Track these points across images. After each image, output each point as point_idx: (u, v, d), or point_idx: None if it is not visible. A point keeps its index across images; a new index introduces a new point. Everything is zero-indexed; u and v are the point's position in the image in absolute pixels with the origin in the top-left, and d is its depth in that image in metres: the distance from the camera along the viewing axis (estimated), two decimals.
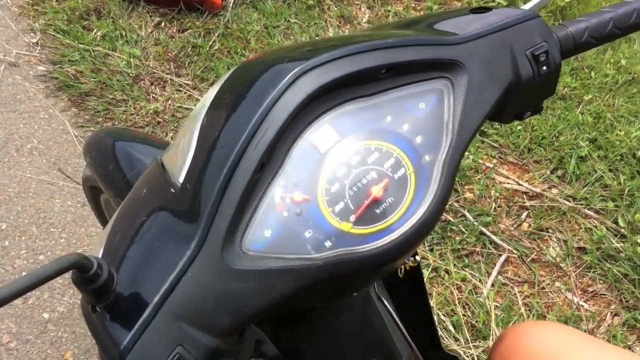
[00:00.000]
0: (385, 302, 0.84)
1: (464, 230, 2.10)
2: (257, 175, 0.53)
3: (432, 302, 1.88)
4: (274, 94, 0.53)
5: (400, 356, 0.83)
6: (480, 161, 2.34)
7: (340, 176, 0.55)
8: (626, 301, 1.93)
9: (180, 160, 0.58)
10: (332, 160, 0.55)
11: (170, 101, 2.58)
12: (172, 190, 0.56)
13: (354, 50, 0.56)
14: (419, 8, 3.19)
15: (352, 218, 0.54)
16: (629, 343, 1.83)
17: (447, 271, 1.98)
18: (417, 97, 0.59)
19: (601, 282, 1.99)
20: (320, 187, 0.54)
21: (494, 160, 2.37)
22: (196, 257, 0.51)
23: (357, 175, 0.55)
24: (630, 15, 0.71)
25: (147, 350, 0.49)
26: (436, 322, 1.80)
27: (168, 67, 2.75)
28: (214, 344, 0.51)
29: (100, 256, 0.58)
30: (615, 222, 2.13)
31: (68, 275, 0.51)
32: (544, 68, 0.65)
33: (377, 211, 0.54)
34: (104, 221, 1.64)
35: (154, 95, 2.61)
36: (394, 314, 0.85)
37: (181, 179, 0.56)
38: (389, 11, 3.12)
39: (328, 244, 0.53)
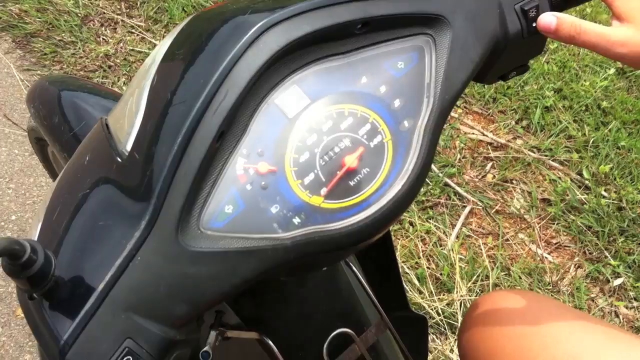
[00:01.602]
0: (353, 267, 0.79)
1: (428, 181, 2.06)
2: (216, 144, 0.47)
3: (396, 255, 1.84)
4: (235, 51, 0.47)
5: (369, 323, 0.79)
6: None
7: (310, 144, 0.49)
8: (589, 253, 1.93)
9: (127, 125, 0.51)
10: (301, 126, 0.49)
11: (121, 44, 2.44)
12: (119, 159, 0.50)
13: (326, 2, 0.50)
14: None
15: (324, 191, 0.48)
16: (592, 295, 1.84)
17: (411, 223, 1.95)
18: (395, 55, 0.53)
19: (565, 234, 1.98)
20: (287, 157, 0.48)
21: (459, 110, 2.32)
22: (146, 238, 0.45)
23: (328, 143, 0.49)
24: None
25: (91, 344, 0.43)
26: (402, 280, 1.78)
27: (119, 7, 2.59)
28: (168, 335, 0.45)
29: (37, 236, 0.51)
30: (580, 173, 2.12)
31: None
32: (534, 24, 0.60)
33: (351, 183, 0.49)
34: (53, 174, 1.55)
35: (104, 38, 2.46)
36: (362, 279, 0.81)
37: (128, 147, 0.49)
38: None
39: (297, 220, 0.48)
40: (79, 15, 2.51)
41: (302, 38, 0.48)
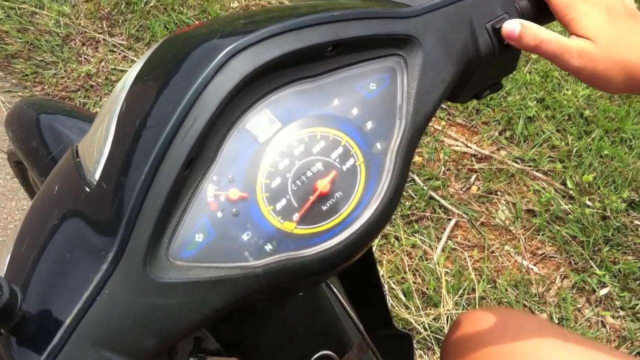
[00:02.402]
0: (333, 288, 0.79)
1: (413, 195, 2.06)
2: (185, 171, 0.46)
3: (382, 270, 1.84)
4: (204, 76, 0.46)
5: (351, 344, 0.79)
6: (429, 123, 2.29)
7: (281, 169, 0.48)
8: (575, 263, 1.93)
9: (96, 153, 0.50)
10: (273, 151, 0.48)
11: (103, 63, 2.43)
12: (87, 189, 0.49)
13: (297, 25, 0.49)
14: None
15: (296, 217, 0.47)
16: (578, 306, 1.84)
17: (397, 238, 1.94)
18: (367, 77, 0.53)
19: (550, 244, 1.98)
20: (259, 183, 0.47)
21: (443, 122, 2.33)
22: (114, 271, 0.44)
23: (301, 167, 0.48)
24: None
25: None
26: (387, 298, 1.78)
27: (100, 25, 2.58)
28: None
29: (4, 269, 0.50)
30: (564, 183, 2.13)
31: None
32: (505, 42, 0.59)
33: (324, 208, 0.48)
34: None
35: (85, 57, 2.45)
36: (342, 300, 0.80)
37: (97, 176, 0.48)
38: None
39: (269, 247, 0.46)
40: (60, 34, 2.50)
41: (271, 62, 0.48)
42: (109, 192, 0.46)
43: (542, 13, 0.64)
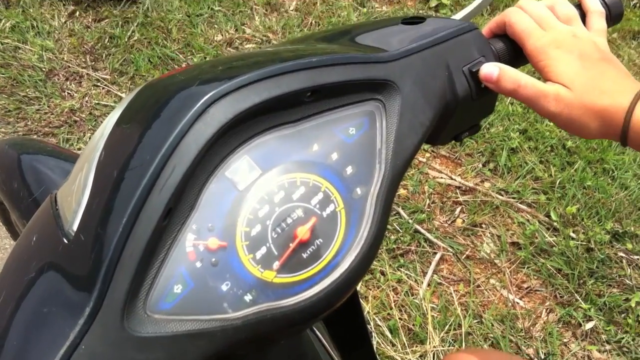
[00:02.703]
0: (317, 333, 0.78)
1: (398, 228, 2.06)
2: (163, 222, 0.45)
3: (368, 307, 1.83)
4: (182, 124, 0.45)
5: None
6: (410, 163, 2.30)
7: (261, 216, 0.47)
8: (560, 297, 1.93)
9: (75, 202, 0.49)
10: (253, 198, 0.48)
11: (87, 97, 2.43)
12: (65, 240, 0.48)
13: (275, 72, 0.49)
14: None
15: (276, 265, 0.47)
16: (564, 340, 1.84)
17: (382, 272, 1.94)
18: (346, 121, 0.53)
19: (535, 277, 1.99)
20: (239, 231, 0.47)
21: (427, 154, 2.34)
22: (90, 326, 0.43)
23: (280, 214, 0.48)
24: None
25: None
26: (373, 335, 1.77)
27: (84, 60, 2.58)
28: None
29: None
30: (548, 215, 2.14)
31: None
32: (482, 85, 0.60)
33: (304, 255, 0.48)
34: (16, 238, 1.51)
35: (69, 92, 2.45)
36: (327, 345, 0.79)
37: (75, 227, 0.47)
38: None
39: (248, 298, 0.46)
40: (44, 69, 2.49)
41: (250, 109, 0.47)
42: (87, 244, 0.45)
43: (517, 56, 0.65)
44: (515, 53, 0.65)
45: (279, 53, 0.54)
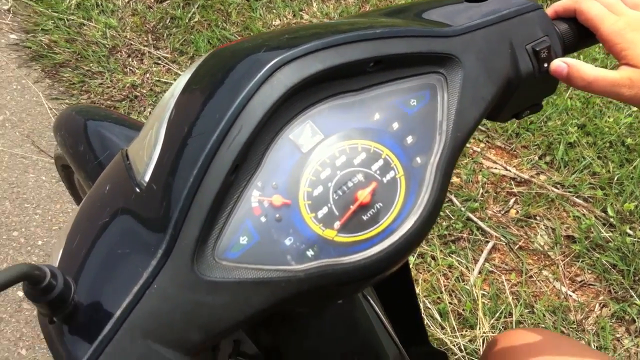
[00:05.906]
0: (371, 300, 0.79)
1: (450, 215, 2.05)
2: (231, 177, 0.48)
3: (418, 289, 1.83)
4: (250, 87, 0.48)
5: (387, 357, 0.79)
6: (468, 145, 2.28)
7: (323, 179, 0.50)
8: (615, 292, 1.90)
9: (146, 156, 0.53)
10: (315, 161, 0.50)
11: (148, 74, 2.48)
12: (137, 190, 0.51)
13: (340, 41, 0.51)
14: None
15: (337, 225, 0.49)
16: (617, 335, 1.80)
17: (433, 257, 1.93)
18: (407, 93, 0.54)
19: (589, 272, 1.96)
20: (301, 191, 0.49)
21: (482, 145, 2.32)
22: (163, 267, 0.46)
23: (342, 177, 0.50)
24: None
25: None
26: (423, 315, 1.76)
27: (146, 38, 2.64)
28: None
29: (57, 262, 0.52)
30: (604, 210, 2.10)
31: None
32: (545, 65, 0.61)
33: (364, 218, 0.50)
34: (78, 201, 1.57)
35: (131, 68, 2.50)
36: (379, 312, 0.80)
37: (147, 178, 0.51)
38: None
39: (310, 253, 0.48)
40: (107, 46, 2.56)
41: (314, 75, 0.49)
42: (159, 193, 0.48)
43: (582, 37, 0.65)
44: (579, 36, 0.65)
45: (343, 24, 0.56)
